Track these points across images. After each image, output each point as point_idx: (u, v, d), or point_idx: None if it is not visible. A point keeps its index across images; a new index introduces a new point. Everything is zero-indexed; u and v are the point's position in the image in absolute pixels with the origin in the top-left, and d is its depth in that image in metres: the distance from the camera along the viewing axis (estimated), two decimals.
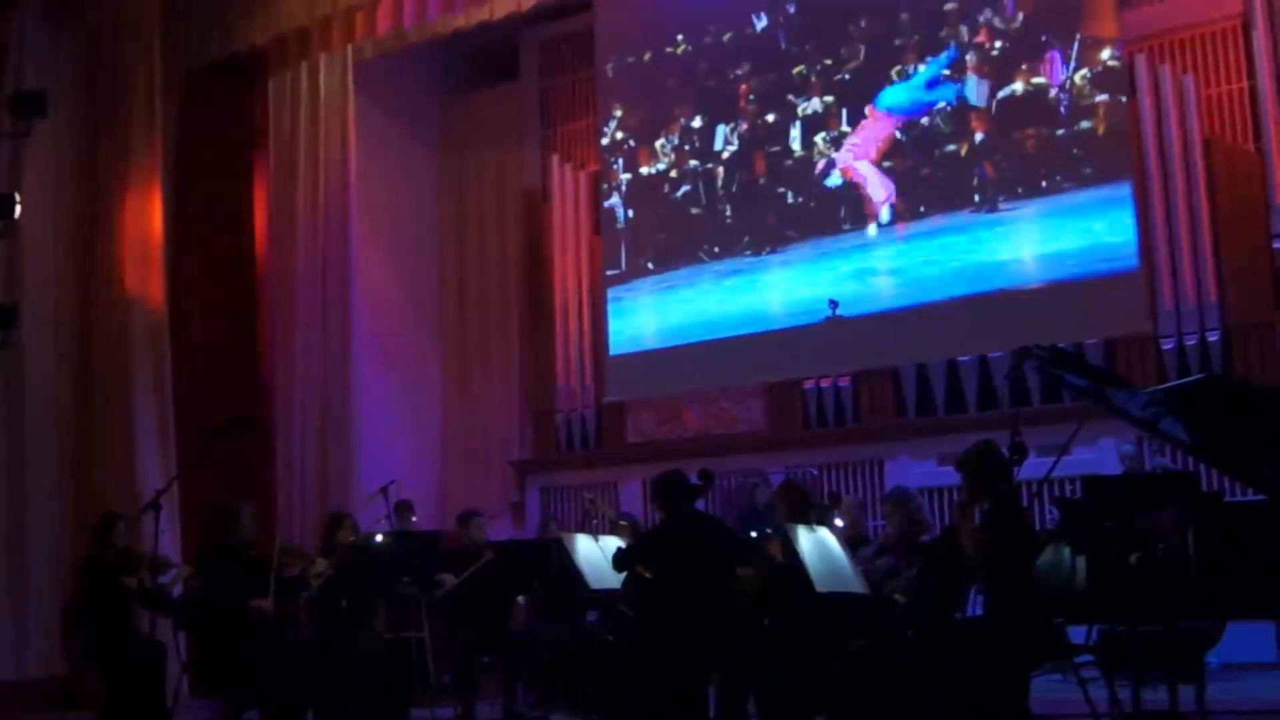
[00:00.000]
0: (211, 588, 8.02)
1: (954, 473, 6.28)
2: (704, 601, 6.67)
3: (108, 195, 11.67)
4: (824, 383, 10.87)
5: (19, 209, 9.61)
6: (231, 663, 7.83)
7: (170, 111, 11.99)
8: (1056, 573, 5.59)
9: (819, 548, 6.46)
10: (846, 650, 6.28)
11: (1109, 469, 8.79)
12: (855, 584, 6.43)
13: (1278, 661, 8.36)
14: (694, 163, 11.72)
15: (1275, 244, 9.19)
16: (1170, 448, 8.59)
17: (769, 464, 10.67)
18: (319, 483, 11.64)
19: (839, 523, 7.33)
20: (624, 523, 9.38)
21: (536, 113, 12.88)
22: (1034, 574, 5.67)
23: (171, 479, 9.84)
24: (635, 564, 7.09)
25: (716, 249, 11.53)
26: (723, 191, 11.55)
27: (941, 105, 10.44)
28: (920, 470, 10.17)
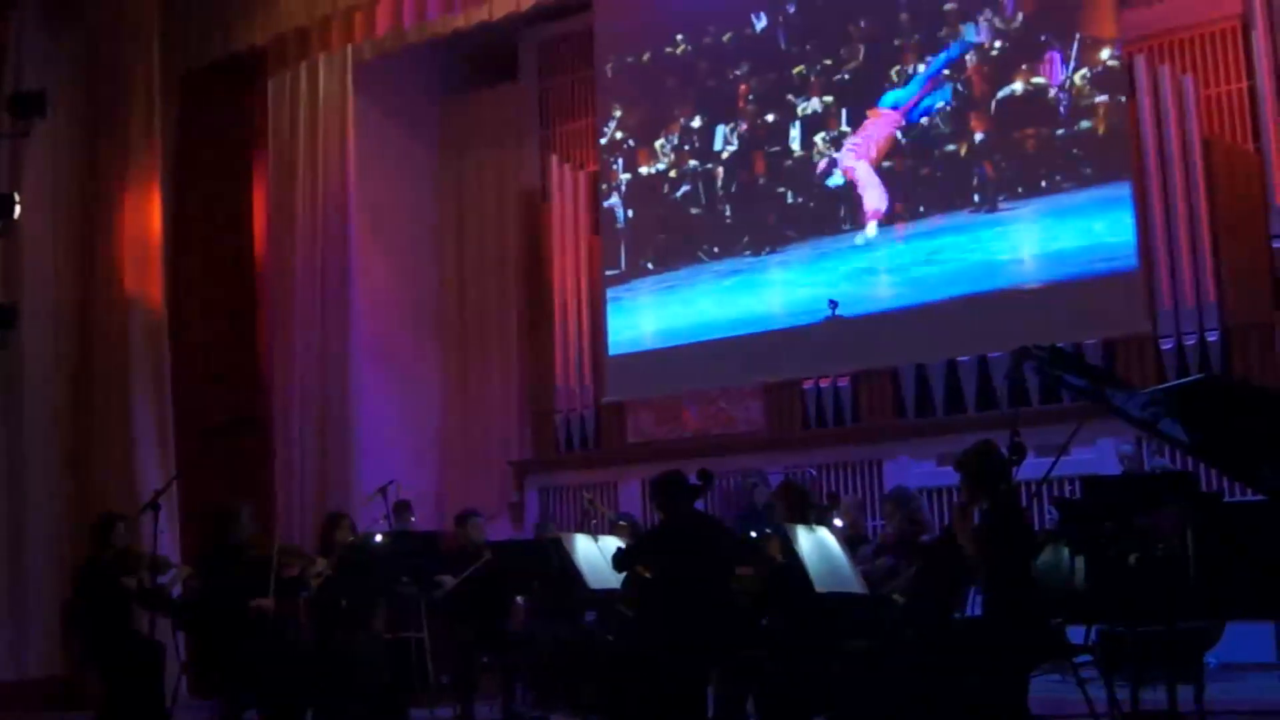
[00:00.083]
0: (211, 588, 8.03)
1: (953, 473, 6.28)
2: (703, 601, 6.67)
3: (107, 195, 11.67)
4: (823, 383, 10.87)
5: (18, 209, 9.60)
6: (231, 663, 7.84)
7: (170, 111, 11.98)
8: (1055, 573, 5.59)
9: (818, 548, 6.46)
10: (846, 650, 6.28)
11: (1108, 469, 8.80)
12: (854, 584, 6.43)
13: (1277, 662, 8.36)
14: (693, 163, 11.71)
15: (1274, 244, 9.19)
16: (1169, 448, 8.60)
17: (768, 464, 10.67)
18: (318, 483, 11.64)
19: (838, 523, 7.33)
20: (623, 523, 9.38)
21: (536, 113, 12.88)
22: (1033, 574, 5.67)
23: (171, 479, 9.86)
24: (635, 564, 7.09)
25: (716, 249, 11.53)
26: (722, 191, 11.55)
27: (941, 105, 10.45)
28: (919, 470, 10.17)
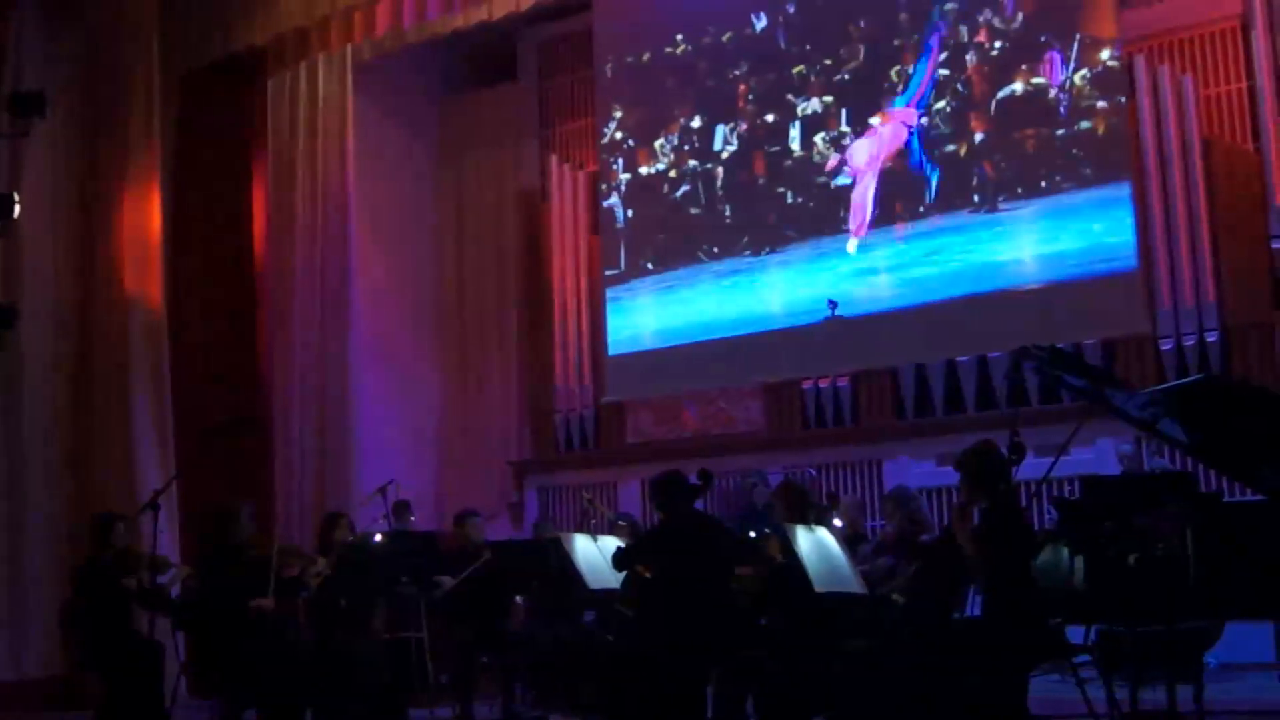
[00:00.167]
0: (210, 588, 8.03)
1: (953, 473, 6.28)
2: (703, 601, 6.66)
3: (107, 195, 11.67)
4: (823, 383, 10.86)
5: (18, 209, 9.60)
6: (230, 663, 7.83)
7: (169, 112, 11.99)
8: (1055, 573, 5.59)
9: (818, 548, 6.46)
10: (845, 650, 6.28)
11: (1107, 469, 8.79)
12: (854, 584, 6.43)
13: (1276, 662, 8.35)
14: (693, 163, 11.71)
15: (1274, 244, 9.19)
16: (1169, 448, 8.59)
17: (767, 464, 10.66)
18: (318, 483, 11.64)
19: (837, 523, 7.33)
20: (622, 523, 9.37)
21: (535, 113, 12.87)
22: (1032, 574, 5.67)
23: (170, 479, 9.86)
24: (635, 563, 7.09)
25: (715, 249, 11.52)
26: (722, 191, 11.55)
27: (941, 105, 10.45)
28: (919, 470, 10.16)
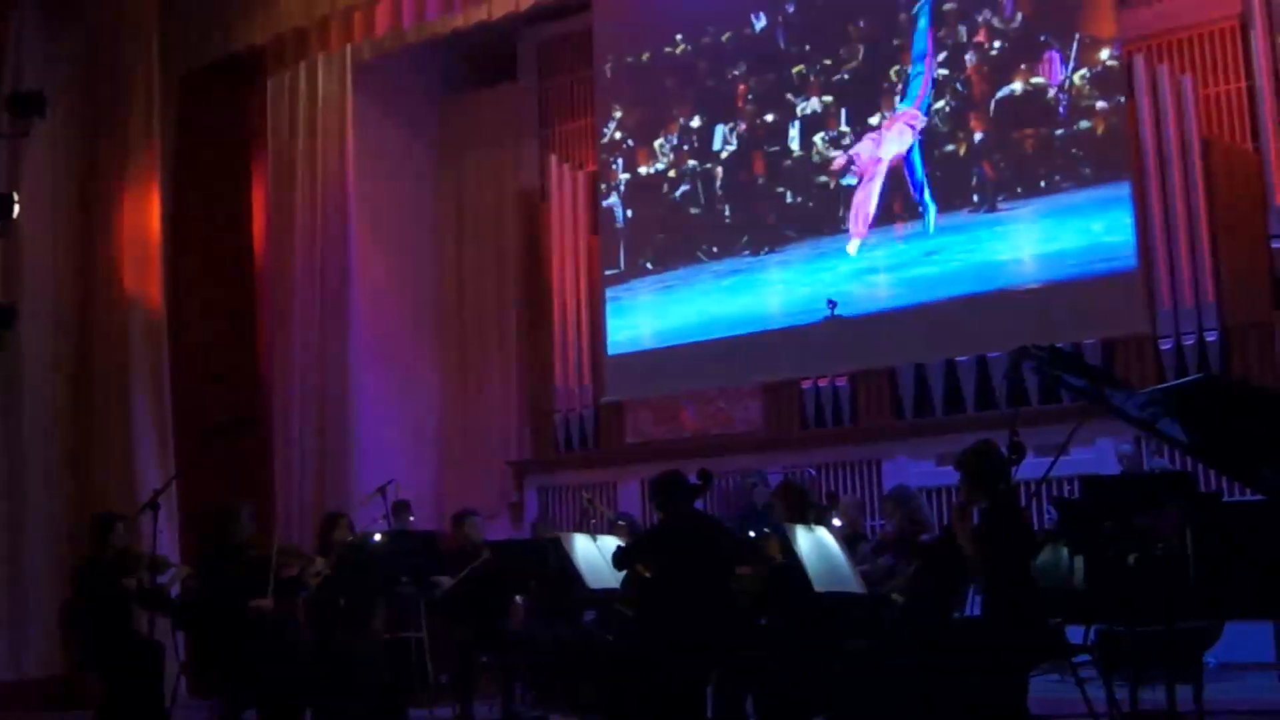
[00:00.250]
0: (210, 588, 8.02)
1: (952, 473, 6.28)
2: (703, 601, 6.67)
3: (107, 195, 11.67)
4: (822, 383, 10.86)
5: (17, 208, 9.60)
6: (230, 663, 7.83)
7: (169, 112, 11.98)
8: (1055, 572, 5.59)
9: (817, 547, 6.46)
10: (845, 650, 6.29)
11: (1107, 469, 8.80)
12: (853, 584, 6.43)
13: (1276, 662, 8.36)
14: (693, 162, 11.71)
15: (1273, 244, 9.19)
16: (1168, 448, 8.60)
17: (767, 464, 10.66)
18: (317, 483, 11.64)
19: (836, 522, 7.33)
20: (622, 522, 9.37)
21: (535, 113, 12.87)
22: (1032, 574, 5.67)
23: (170, 479, 9.86)
24: (635, 562, 7.09)
25: (715, 249, 11.52)
26: (721, 191, 11.55)
27: (940, 105, 10.45)
28: (918, 470, 10.15)
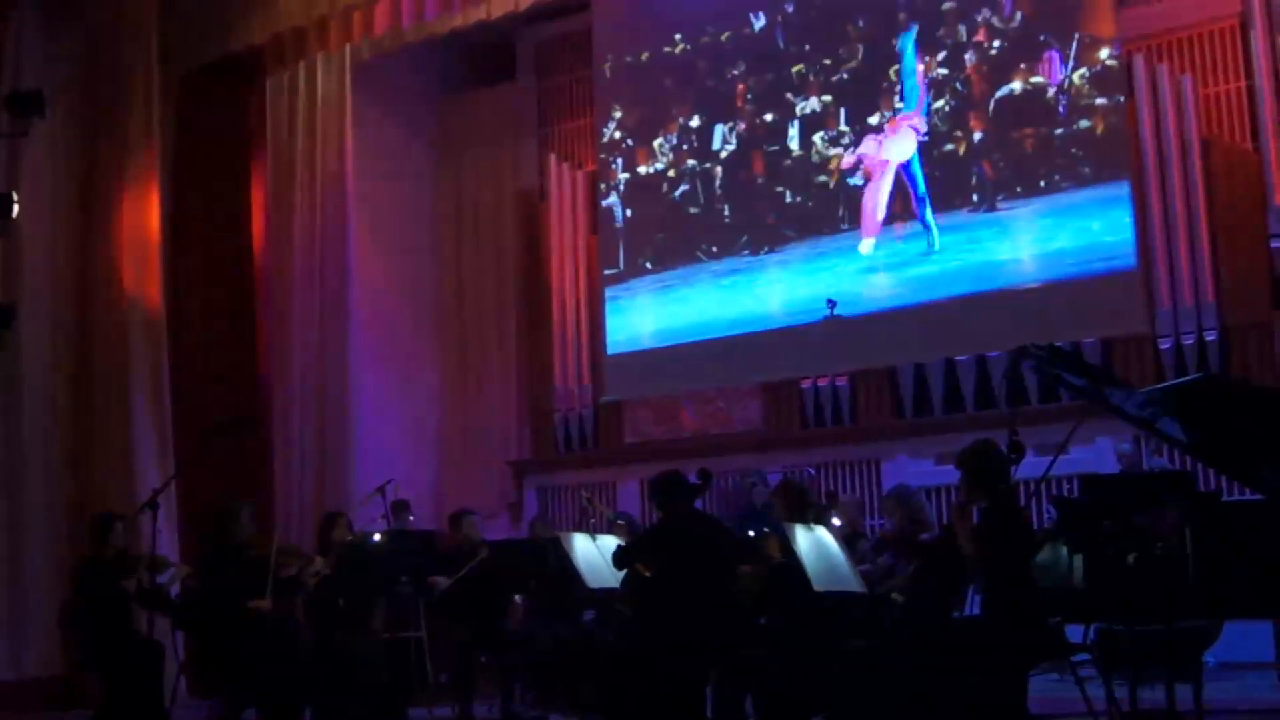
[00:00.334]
0: (210, 588, 8.02)
1: (951, 472, 6.28)
2: (702, 601, 6.66)
3: (106, 195, 11.65)
4: (821, 382, 10.86)
5: (17, 208, 9.59)
6: (230, 663, 7.83)
7: (168, 112, 11.96)
8: (1054, 572, 5.59)
9: (817, 547, 6.46)
10: (845, 650, 6.28)
11: (1107, 468, 8.80)
12: (853, 583, 6.43)
13: (1275, 661, 8.36)
14: (692, 162, 11.71)
15: (1273, 244, 9.19)
16: (1168, 447, 8.60)
17: (766, 464, 10.66)
18: (317, 483, 11.62)
19: (836, 522, 7.33)
20: (621, 522, 9.36)
21: (534, 112, 12.86)
22: (1032, 573, 5.67)
23: (169, 478, 9.86)
24: (634, 561, 7.09)
25: (714, 248, 11.52)
26: (721, 191, 11.55)
27: (939, 105, 10.45)
28: (917, 469, 10.14)
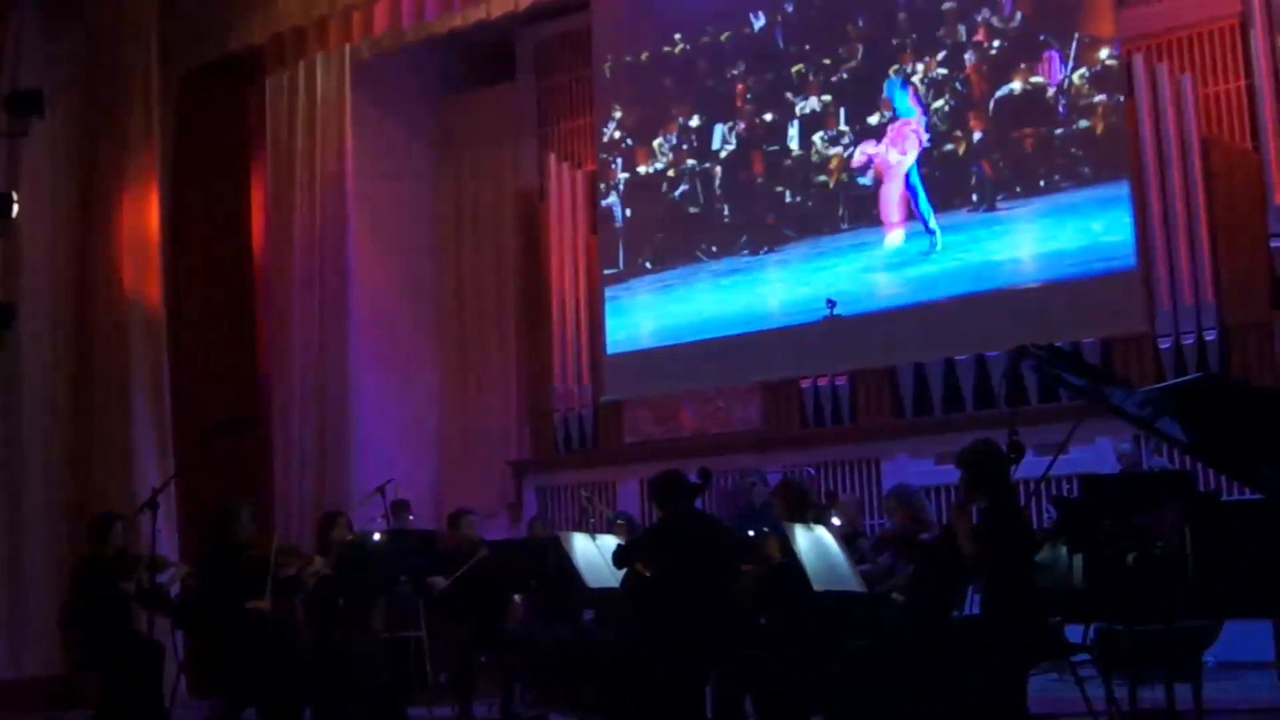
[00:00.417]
0: (210, 588, 8.02)
1: (951, 472, 6.29)
2: (702, 600, 6.66)
3: (105, 195, 11.65)
4: (821, 382, 10.86)
5: (16, 208, 9.58)
6: (230, 662, 7.83)
7: (168, 111, 11.96)
8: (1054, 571, 5.59)
9: (816, 546, 6.46)
10: (844, 649, 6.28)
11: (1106, 468, 8.79)
12: (853, 583, 6.43)
13: (1275, 660, 8.36)
14: (692, 162, 11.71)
15: (1273, 244, 9.19)
16: (1168, 446, 8.60)
17: (766, 463, 10.65)
18: (317, 482, 11.62)
19: (835, 521, 7.33)
20: (620, 521, 9.36)
21: (534, 112, 12.85)
22: (1031, 573, 5.67)
23: (169, 478, 9.86)
24: (634, 560, 7.08)
25: (714, 248, 11.52)
26: (720, 191, 11.54)
27: (939, 104, 10.45)
28: (917, 469, 10.14)
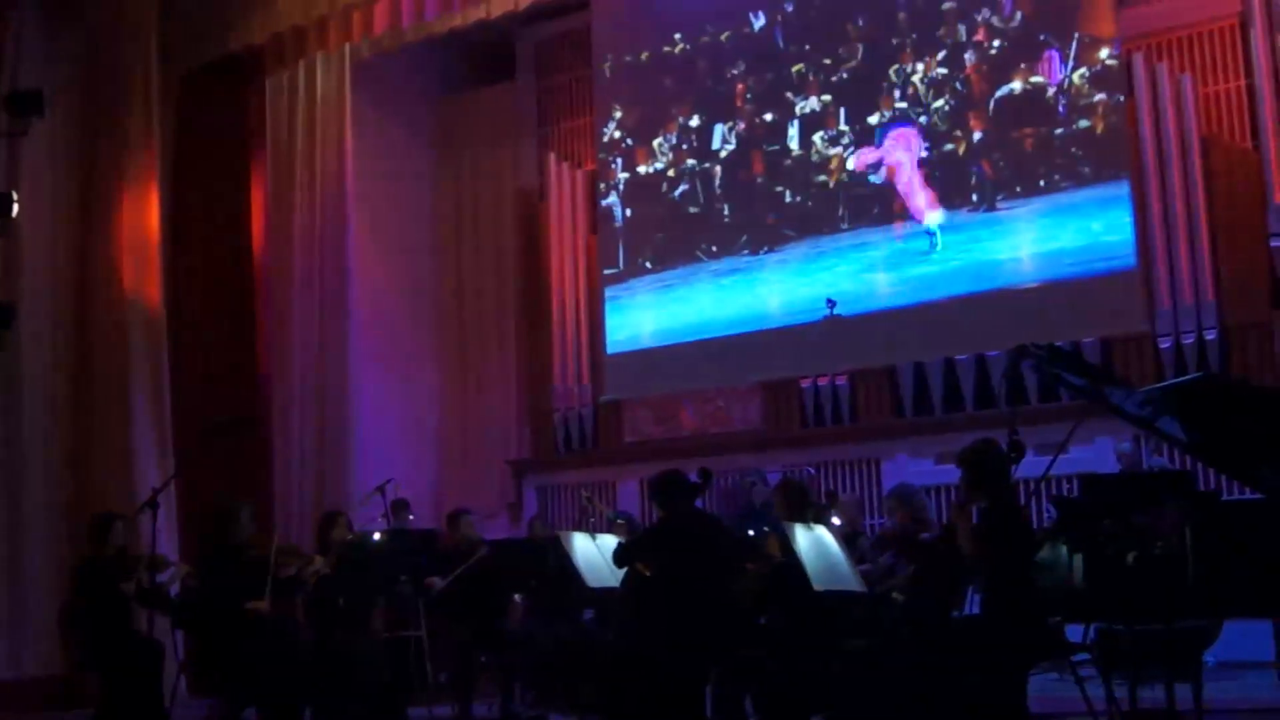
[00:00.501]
0: (210, 588, 8.01)
1: (951, 472, 6.29)
2: (702, 600, 6.66)
3: (105, 195, 11.65)
4: (821, 381, 10.86)
5: (16, 208, 9.58)
6: (230, 662, 7.83)
7: (168, 111, 11.96)
8: (1054, 571, 5.59)
9: (816, 546, 6.46)
10: (845, 649, 6.28)
11: (1106, 468, 8.79)
12: (853, 582, 6.43)
13: (1275, 660, 8.36)
14: (692, 162, 11.71)
15: (1273, 243, 9.19)
16: (1168, 446, 8.60)
17: (766, 463, 10.65)
18: (317, 482, 11.62)
19: (835, 521, 7.33)
20: (620, 521, 9.36)
21: (534, 112, 12.86)
22: (1031, 573, 5.67)
23: (169, 477, 9.86)
24: (635, 560, 7.08)
25: (714, 248, 11.52)
26: (720, 191, 11.54)
27: (939, 104, 10.45)
28: (917, 469, 10.14)
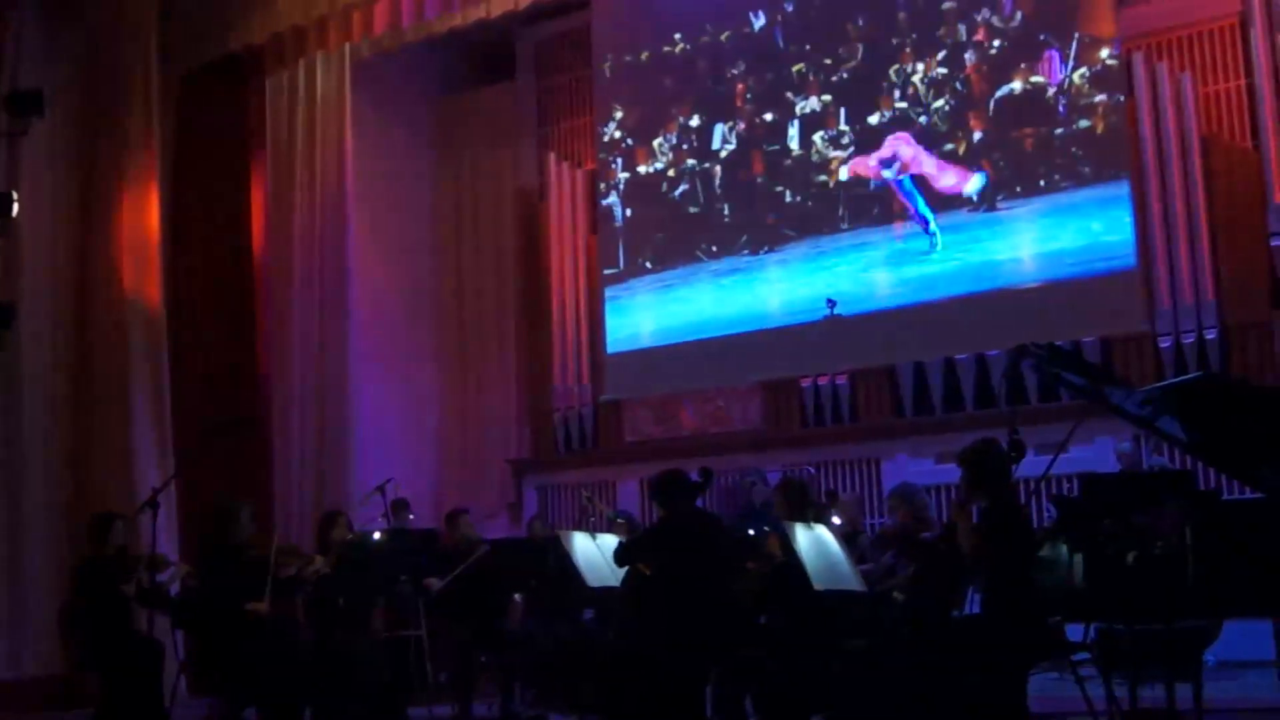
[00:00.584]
0: (210, 588, 8.01)
1: (951, 471, 6.29)
2: (703, 600, 6.66)
3: (105, 194, 11.65)
4: (821, 381, 10.86)
5: (16, 208, 9.58)
6: (230, 662, 7.82)
7: (168, 111, 11.96)
8: (1054, 571, 5.59)
9: (817, 545, 6.45)
10: (845, 649, 6.28)
11: (1106, 467, 8.79)
12: (853, 582, 6.42)
13: (1275, 660, 8.35)
14: (692, 162, 11.71)
15: (1273, 242, 9.19)
16: (1168, 446, 8.60)
17: (766, 463, 10.65)
18: (317, 482, 11.62)
19: (836, 520, 7.33)
20: (621, 520, 9.36)
21: (534, 111, 12.87)
22: (1032, 572, 5.67)
23: (169, 477, 9.85)
24: (635, 559, 7.08)
25: (714, 248, 11.52)
26: (720, 190, 11.54)
27: (939, 104, 10.45)
28: (917, 469, 10.14)
